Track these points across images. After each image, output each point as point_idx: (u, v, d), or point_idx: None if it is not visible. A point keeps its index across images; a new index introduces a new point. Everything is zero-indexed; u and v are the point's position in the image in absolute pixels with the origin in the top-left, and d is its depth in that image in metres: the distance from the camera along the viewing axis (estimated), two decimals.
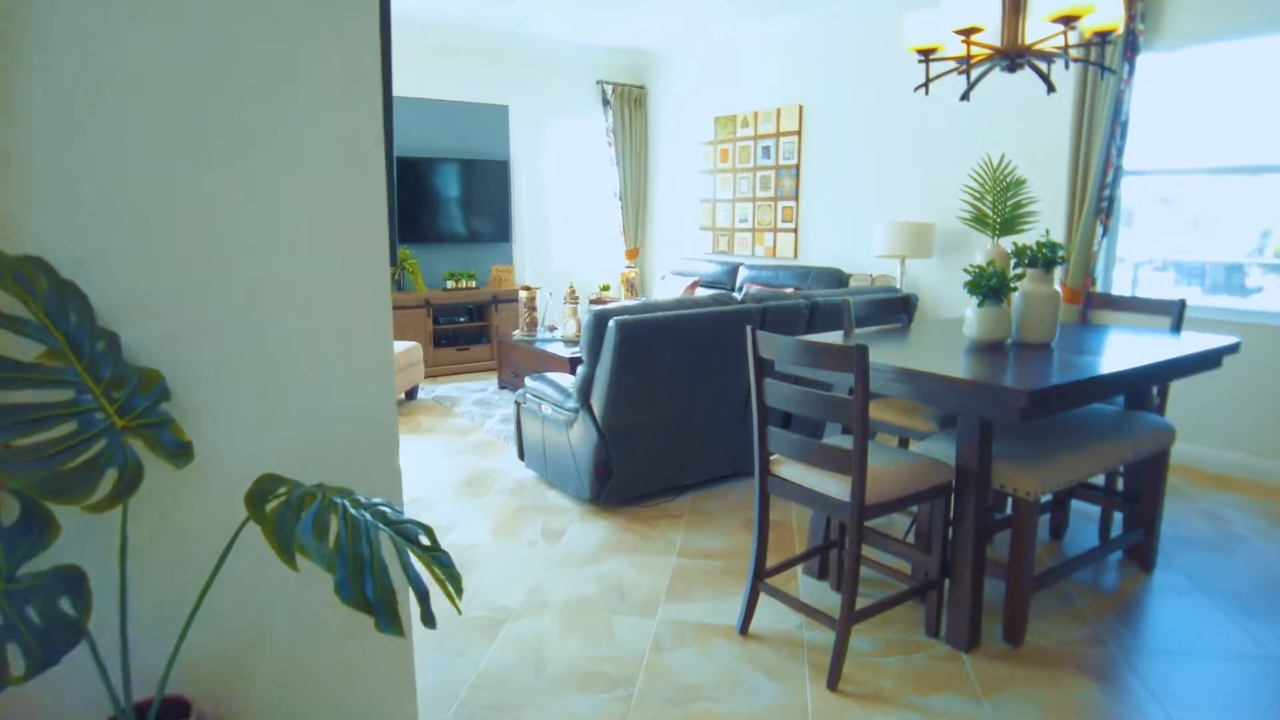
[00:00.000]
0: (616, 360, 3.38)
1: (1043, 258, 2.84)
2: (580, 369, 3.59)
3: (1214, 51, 4.24)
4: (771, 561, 3.14)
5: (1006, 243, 4.60)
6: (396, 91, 6.74)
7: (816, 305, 3.95)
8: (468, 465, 4.44)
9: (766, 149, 6.65)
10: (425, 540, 1.30)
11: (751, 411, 3.91)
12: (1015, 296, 2.88)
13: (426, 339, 6.76)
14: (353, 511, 1.19)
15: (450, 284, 6.98)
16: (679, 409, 3.68)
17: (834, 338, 3.07)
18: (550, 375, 4.02)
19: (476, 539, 3.44)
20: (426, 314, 6.75)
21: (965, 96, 2.97)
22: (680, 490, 3.98)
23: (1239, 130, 4.24)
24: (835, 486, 2.33)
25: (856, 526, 2.27)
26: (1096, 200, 4.53)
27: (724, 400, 3.82)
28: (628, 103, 7.88)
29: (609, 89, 7.75)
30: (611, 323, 3.35)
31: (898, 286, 5.34)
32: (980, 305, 2.82)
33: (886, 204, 5.76)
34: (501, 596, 2.92)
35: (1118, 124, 4.43)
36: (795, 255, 6.51)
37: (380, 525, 1.23)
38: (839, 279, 5.72)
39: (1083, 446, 2.66)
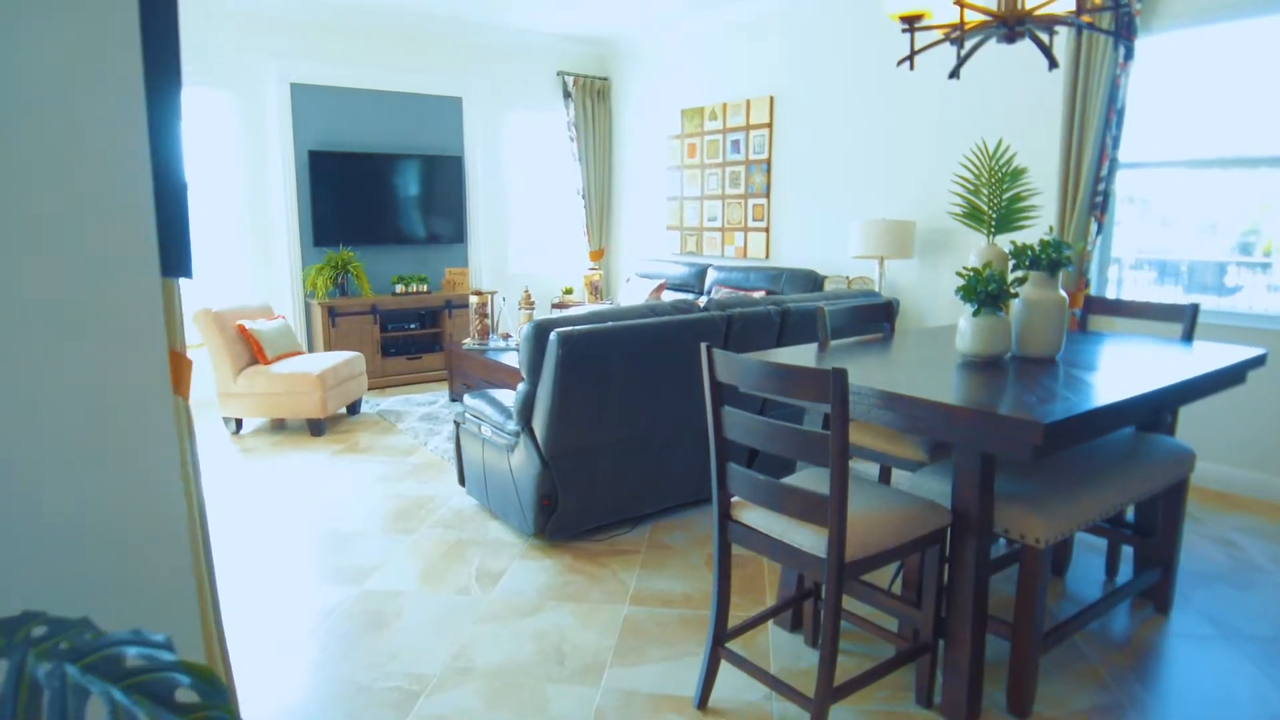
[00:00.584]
0: (559, 378, 2.94)
1: (1047, 258, 2.45)
2: (520, 387, 3.15)
3: (1206, 35, 3.90)
4: (736, 610, 2.73)
5: (1001, 241, 4.21)
6: (337, 82, 6.26)
7: (788, 312, 3.54)
8: (404, 492, 3.98)
9: (736, 143, 6.25)
10: (188, 695, 0.86)
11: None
12: (1015, 304, 2.49)
13: (373, 347, 6.28)
14: (35, 672, 0.75)
15: (400, 288, 6.51)
16: (634, 431, 3.26)
17: (808, 351, 2.66)
18: (492, 392, 3.58)
19: (400, 584, 2.99)
20: (373, 320, 6.27)
21: (955, 73, 2.58)
22: (637, 520, 3.55)
23: (1225, 121, 3.91)
24: (809, 539, 1.91)
25: (835, 589, 1.85)
26: (1090, 195, 4.17)
27: (686, 420, 3.40)
28: (590, 95, 7.45)
29: (570, 80, 7.31)
30: (553, 335, 2.92)
31: (876, 289, 4.96)
32: (976, 314, 2.42)
33: (864, 201, 5.37)
34: (420, 661, 2.48)
35: (1113, 112, 4.07)
36: (767, 256, 6.12)
37: (98, 685, 0.78)
38: (813, 281, 5.33)
39: (1097, 480, 2.27)
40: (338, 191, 6.30)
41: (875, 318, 3.09)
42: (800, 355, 2.61)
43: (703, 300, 5.76)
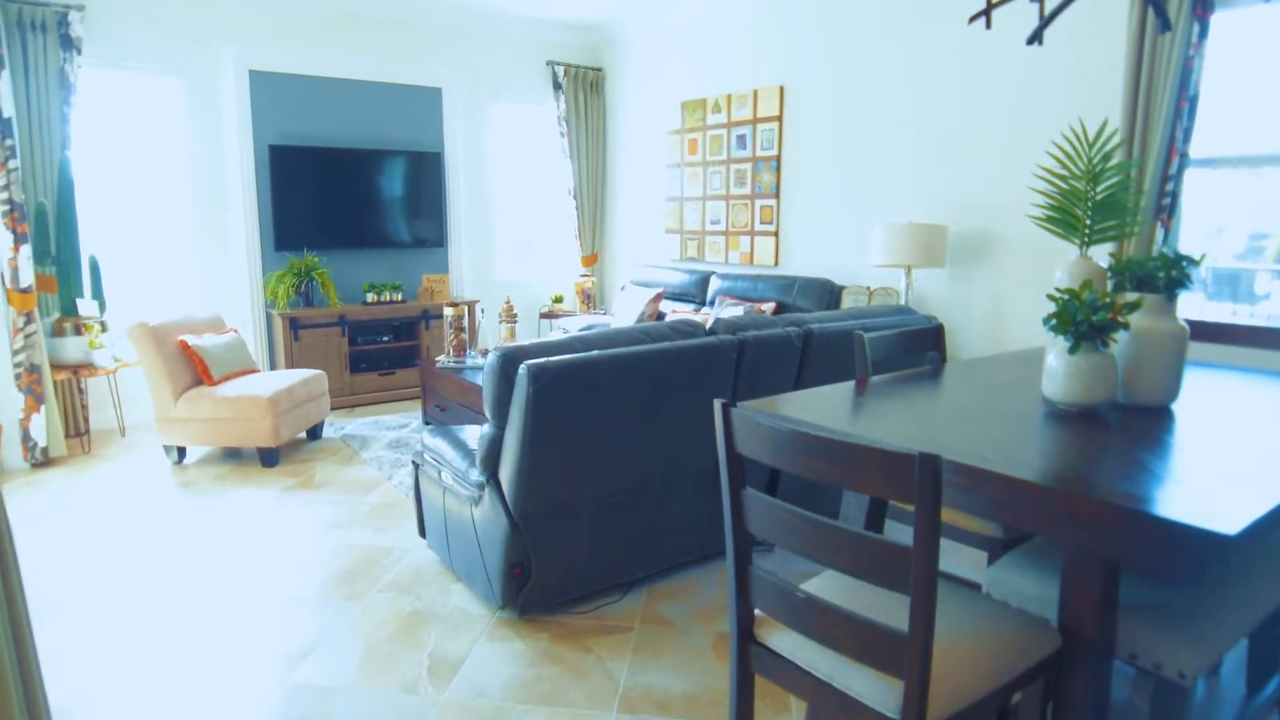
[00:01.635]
0: (530, 421, 2.36)
1: (1165, 277, 1.87)
2: (485, 430, 2.57)
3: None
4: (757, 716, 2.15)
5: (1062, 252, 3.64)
6: (301, 69, 5.67)
7: (812, 335, 2.96)
8: (356, 542, 3.39)
9: (742, 138, 5.67)
10: None
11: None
12: (1121, 337, 1.91)
13: (341, 362, 5.69)
14: None
15: (371, 297, 5.91)
16: (625, 482, 2.68)
17: (842, 392, 2.08)
18: (456, 430, 3.00)
19: (336, 675, 2.40)
20: (341, 333, 5.68)
21: (1036, 36, 2.00)
22: (629, 585, 2.96)
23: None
24: (871, 686, 1.33)
25: None
26: (1157, 196, 3.59)
27: (687, 464, 2.82)
28: (583, 87, 6.86)
29: (560, 71, 6.72)
30: (522, 369, 2.33)
31: (904, 302, 4.38)
32: (1073, 351, 1.84)
33: (886, 202, 4.79)
34: None
35: (1185, 99, 3.50)
36: (776, 263, 5.54)
37: None
38: (829, 292, 4.75)
39: (1249, 578, 1.69)
40: (302, 190, 5.71)
41: (922, 345, 2.51)
42: (834, 397, 2.03)
43: (707, 316, 5.18)
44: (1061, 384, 1.86)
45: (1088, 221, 1.99)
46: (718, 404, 1.43)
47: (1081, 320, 1.81)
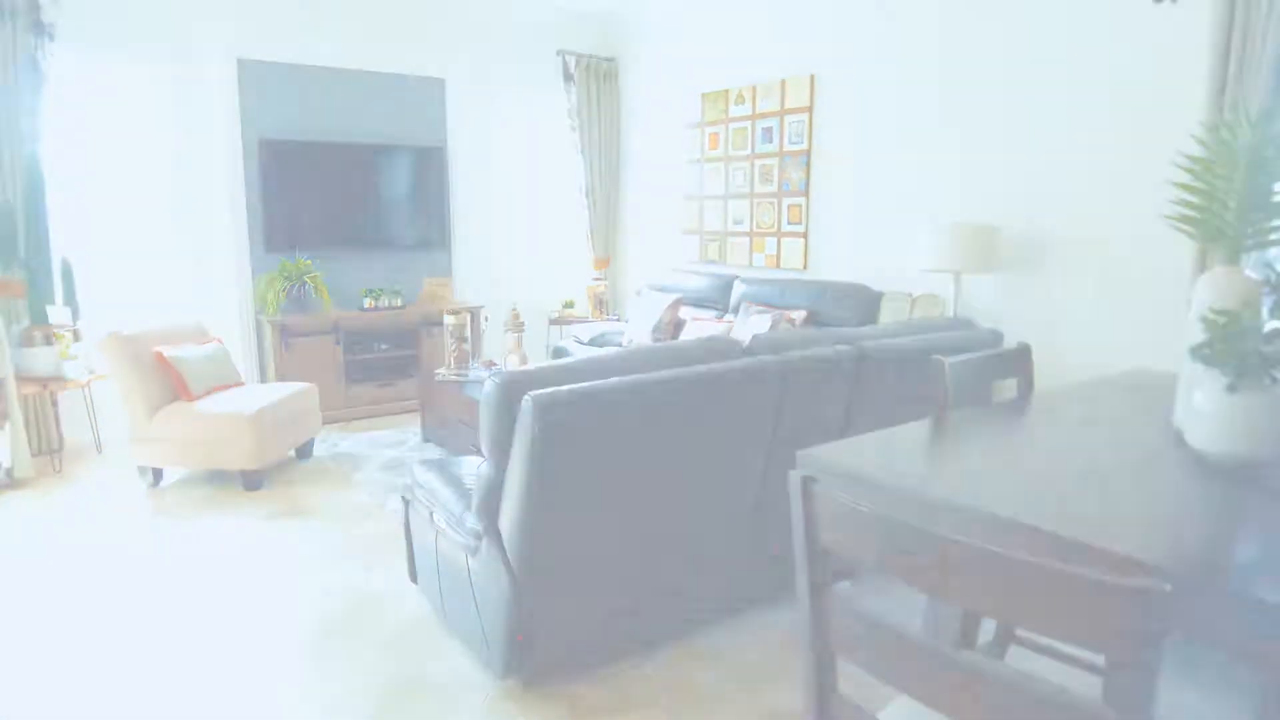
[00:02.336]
0: (535, 464, 1.96)
1: None
2: (482, 468, 2.17)
3: None
4: None
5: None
6: (295, 58, 5.29)
7: (866, 355, 2.54)
8: (343, 584, 3.00)
9: (768, 131, 5.26)
10: None
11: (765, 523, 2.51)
12: None
13: (336, 373, 5.31)
14: None
15: (368, 303, 5.53)
16: (648, 529, 2.27)
17: (921, 437, 1.68)
18: (450, 463, 2.60)
19: None
20: (336, 341, 5.30)
21: None
22: (654, 644, 2.55)
23: None
24: None
25: None
26: None
27: (720, 504, 2.41)
28: (595, 78, 6.46)
29: (572, 61, 6.33)
30: (527, 401, 1.93)
31: (952, 312, 3.96)
32: (1233, 389, 1.42)
33: (930, 200, 4.37)
34: None
35: None
36: (805, 267, 5.12)
37: None
38: (867, 298, 4.34)
39: None
40: (295, 188, 5.33)
41: (1007, 370, 2.10)
42: (914, 444, 1.63)
43: (730, 324, 4.76)
44: (1216, 430, 1.45)
45: (1238, 224, 1.57)
46: (795, 477, 1.03)
47: (1250, 350, 1.40)
